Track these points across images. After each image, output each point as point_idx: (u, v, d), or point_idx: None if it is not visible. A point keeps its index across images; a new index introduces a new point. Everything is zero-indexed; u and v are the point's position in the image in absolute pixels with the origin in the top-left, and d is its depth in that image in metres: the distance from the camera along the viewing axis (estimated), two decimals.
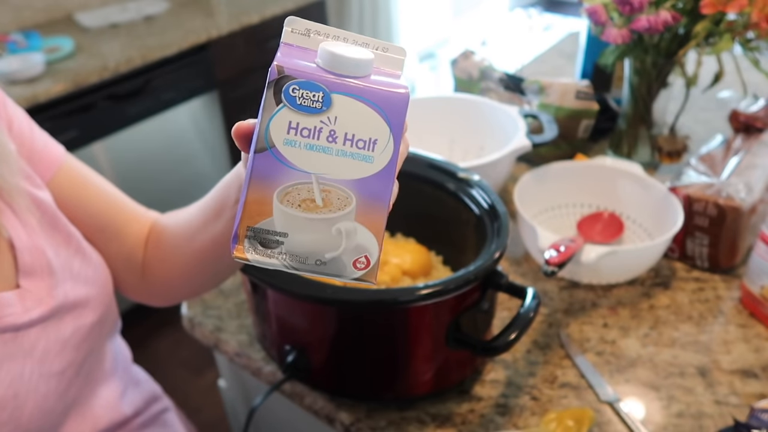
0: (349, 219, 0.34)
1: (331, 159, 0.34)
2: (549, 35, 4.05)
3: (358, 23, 3.08)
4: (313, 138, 0.34)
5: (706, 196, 0.81)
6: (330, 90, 0.34)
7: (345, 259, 0.35)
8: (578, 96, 1.05)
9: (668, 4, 0.88)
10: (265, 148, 0.34)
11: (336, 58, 0.35)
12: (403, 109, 0.35)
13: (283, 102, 0.34)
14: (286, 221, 0.34)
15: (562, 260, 0.73)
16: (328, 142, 0.34)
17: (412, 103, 1.07)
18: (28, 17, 2.12)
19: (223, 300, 0.84)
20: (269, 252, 0.34)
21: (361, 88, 0.34)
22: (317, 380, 0.69)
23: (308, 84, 0.34)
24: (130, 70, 1.85)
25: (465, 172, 0.75)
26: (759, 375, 0.71)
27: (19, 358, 0.50)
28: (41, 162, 0.58)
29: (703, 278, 0.85)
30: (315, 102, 0.34)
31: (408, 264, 0.74)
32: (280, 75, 0.34)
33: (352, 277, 0.35)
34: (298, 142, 0.34)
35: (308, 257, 0.35)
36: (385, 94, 0.35)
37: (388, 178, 0.35)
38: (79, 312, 0.55)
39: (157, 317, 2.06)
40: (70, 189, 0.60)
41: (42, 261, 0.53)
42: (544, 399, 0.69)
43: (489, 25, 4.30)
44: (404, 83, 0.36)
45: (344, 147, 0.34)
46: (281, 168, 0.34)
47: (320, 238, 0.34)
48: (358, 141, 0.34)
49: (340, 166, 0.34)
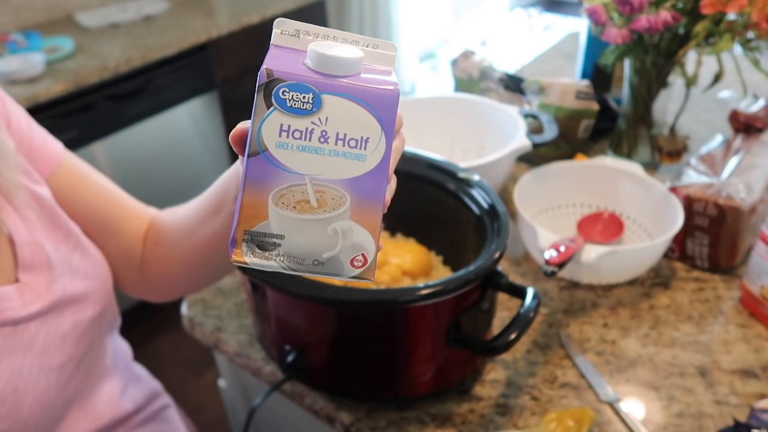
0: (344, 218, 0.35)
1: (324, 159, 0.34)
2: (549, 35, 4.05)
3: (358, 23, 3.08)
4: (305, 139, 0.34)
5: (706, 196, 0.81)
6: (320, 91, 0.34)
7: (342, 258, 0.35)
8: (578, 96, 1.05)
9: (668, 4, 0.88)
10: (258, 152, 0.34)
11: (325, 59, 0.35)
12: (394, 105, 0.35)
13: (274, 105, 0.34)
14: (282, 223, 0.34)
15: (562, 260, 0.73)
16: (320, 143, 0.34)
17: (412, 103, 1.07)
18: (28, 17, 2.12)
19: (223, 300, 0.84)
20: (267, 254, 0.35)
21: (351, 87, 0.34)
22: (317, 380, 0.69)
23: (298, 86, 0.34)
24: (130, 70, 1.85)
25: (465, 172, 0.75)
26: (759, 375, 0.71)
27: (18, 352, 0.50)
28: (40, 158, 0.58)
29: (703, 278, 0.85)
30: (305, 103, 0.34)
31: (408, 264, 0.74)
32: (269, 78, 0.34)
33: (350, 276, 0.35)
34: (290, 145, 0.34)
35: (306, 258, 0.35)
36: (375, 92, 0.34)
37: (381, 176, 0.35)
38: (79, 306, 0.56)
39: (158, 317, 2.06)
40: (69, 185, 0.60)
41: (41, 256, 0.53)
42: (544, 399, 0.69)
43: (489, 25, 4.30)
44: (394, 79, 0.36)
45: (336, 147, 0.34)
46: (275, 171, 0.34)
47: (317, 238, 0.35)
48: (350, 140, 0.34)
49: (332, 166, 0.34)
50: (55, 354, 0.53)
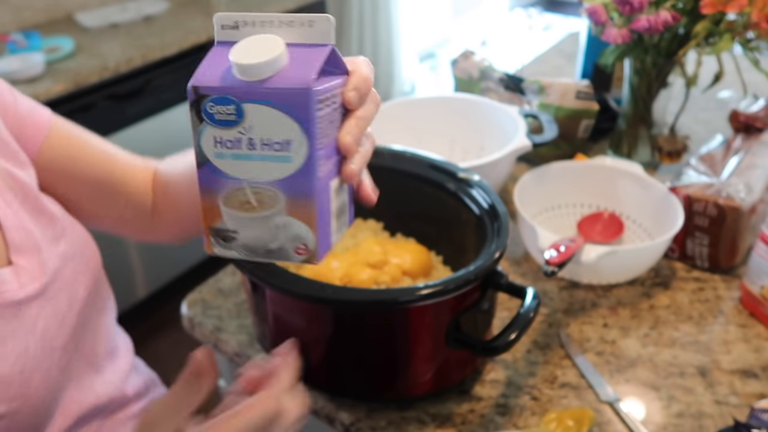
0: (280, 215, 0.38)
1: (255, 164, 0.37)
2: (549, 35, 4.05)
3: (358, 23, 3.08)
4: (236, 148, 0.37)
5: (706, 196, 0.81)
6: (240, 100, 0.36)
7: (287, 248, 0.39)
8: (578, 96, 1.05)
9: (668, 4, 0.88)
10: (203, 163, 0.38)
11: (242, 68, 0.36)
12: (306, 103, 0.35)
13: (205, 120, 0.37)
14: (233, 222, 0.39)
15: (562, 260, 0.73)
16: (249, 150, 0.37)
17: (412, 103, 1.07)
18: (28, 17, 2.12)
19: (223, 300, 0.84)
20: (229, 245, 0.40)
21: (266, 93, 0.36)
22: (317, 380, 0.69)
23: (221, 99, 0.36)
24: (130, 70, 1.85)
25: (465, 172, 0.75)
26: (759, 375, 0.71)
27: (21, 334, 0.50)
28: (30, 126, 0.58)
29: (703, 278, 0.85)
30: (230, 115, 0.36)
31: (408, 264, 0.74)
32: (196, 96, 0.36)
33: (298, 262, 0.39)
34: (225, 154, 0.37)
35: (258, 248, 0.40)
36: (288, 93, 0.36)
37: (309, 173, 0.37)
38: (71, 287, 0.56)
39: (158, 317, 2.06)
40: (67, 148, 0.61)
41: (30, 239, 0.53)
42: (544, 399, 0.69)
43: (489, 25, 4.30)
44: (317, 65, 0.36)
45: (263, 152, 0.37)
46: (218, 179, 0.38)
47: (262, 233, 0.39)
48: (274, 144, 0.36)
49: (263, 169, 0.37)
50: (55, 335, 0.54)
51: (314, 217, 0.38)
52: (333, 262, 0.73)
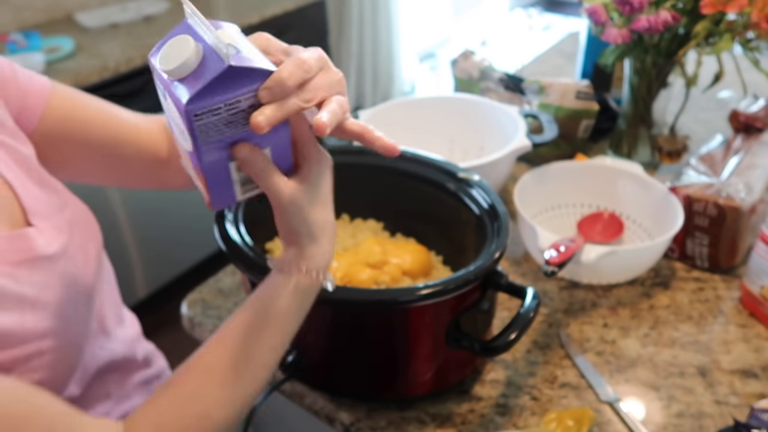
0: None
1: (183, 136, 0.45)
2: (549, 35, 4.05)
3: (358, 23, 3.08)
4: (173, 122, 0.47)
5: (706, 196, 0.81)
6: (164, 92, 0.44)
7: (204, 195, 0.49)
8: (578, 96, 1.05)
9: (668, 4, 0.88)
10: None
11: (165, 71, 0.43)
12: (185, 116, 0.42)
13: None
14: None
15: (562, 260, 0.73)
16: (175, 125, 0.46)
17: (412, 103, 1.07)
18: (28, 17, 2.12)
19: (223, 300, 0.84)
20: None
21: (171, 93, 0.43)
22: (317, 380, 0.69)
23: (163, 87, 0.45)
24: (130, 70, 1.85)
25: (465, 172, 0.75)
26: (759, 375, 0.71)
27: (57, 286, 0.53)
28: (31, 95, 0.60)
29: (703, 278, 0.85)
30: (163, 96, 0.45)
31: (408, 264, 0.74)
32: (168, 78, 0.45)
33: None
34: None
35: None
36: (177, 103, 0.42)
37: (196, 157, 0.45)
38: (83, 249, 0.59)
39: (158, 317, 2.06)
40: (70, 109, 0.63)
41: (41, 204, 0.56)
42: (544, 399, 0.69)
43: (489, 25, 4.30)
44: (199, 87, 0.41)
45: (181, 126, 0.44)
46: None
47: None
48: (179, 125, 0.44)
49: (185, 142, 0.45)
50: (80, 288, 0.57)
51: (203, 182, 0.47)
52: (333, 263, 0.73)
